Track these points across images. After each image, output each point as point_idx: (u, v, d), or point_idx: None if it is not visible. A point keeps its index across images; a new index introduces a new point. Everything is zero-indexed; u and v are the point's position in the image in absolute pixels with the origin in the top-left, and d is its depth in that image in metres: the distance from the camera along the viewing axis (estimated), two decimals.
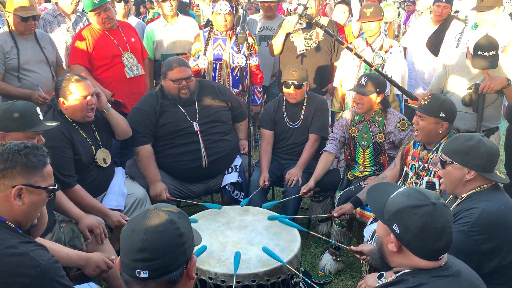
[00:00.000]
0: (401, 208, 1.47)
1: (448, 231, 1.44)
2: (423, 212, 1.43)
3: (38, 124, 2.22)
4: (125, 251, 1.22)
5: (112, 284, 2.44)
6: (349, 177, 3.34)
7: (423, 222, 1.42)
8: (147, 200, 3.08)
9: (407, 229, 1.44)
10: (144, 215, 1.24)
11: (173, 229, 1.22)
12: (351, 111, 3.36)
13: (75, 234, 2.52)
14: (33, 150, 1.67)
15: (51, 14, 4.00)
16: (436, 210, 1.43)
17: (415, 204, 1.45)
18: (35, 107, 2.27)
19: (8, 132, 2.15)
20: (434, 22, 4.40)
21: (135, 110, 3.28)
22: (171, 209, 1.28)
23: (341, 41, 3.20)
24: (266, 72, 4.58)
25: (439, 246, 1.44)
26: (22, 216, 1.66)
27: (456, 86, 3.35)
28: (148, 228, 1.20)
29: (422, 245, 1.44)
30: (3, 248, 1.55)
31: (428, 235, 1.42)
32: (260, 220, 2.61)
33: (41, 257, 1.58)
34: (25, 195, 1.63)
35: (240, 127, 3.62)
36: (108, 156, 2.97)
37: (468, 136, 2.04)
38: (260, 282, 2.15)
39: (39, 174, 1.67)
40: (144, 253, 1.18)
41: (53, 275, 1.59)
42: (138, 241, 1.19)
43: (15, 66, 3.33)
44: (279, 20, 4.43)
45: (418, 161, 2.71)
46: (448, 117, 2.56)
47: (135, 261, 1.19)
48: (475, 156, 1.97)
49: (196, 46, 3.93)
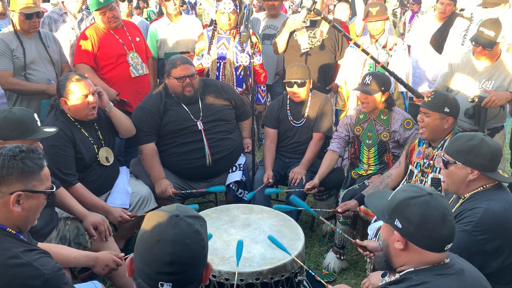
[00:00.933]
0: (399, 202, 1.50)
1: (449, 218, 1.45)
2: (421, 201, 1.45)
3: (36, 131, 2.19)
4: (149, 262, 1.15)
5: (117, 282, 2.46)
6: (353, 176, 3.34)
7: (423, 210, 1.44)
8: (151, 198, 3.09)
9: (409, 220, 1.46)
10: (169, 223, 1.16)
11: (199, 240, 1.17)
12: (356, 110, 3.36)
13: (80, 231, 2.53)
14: (29, 154, 1.63)
15: (56, 13, 4.03)
16: (433, 199, 1.46)
17: (411, 196, 1.48)
18: (33, 113, 2.25)
19: (7, 141, 2.10)
20: (438, 19, 4.38)
21: (139, 109, 3.29)
22: (193, 215, 1.22)
23: (348, 36, 3.20)
24: (270, 70, 4.58)
25: (443, 234, 1.44)
26: (22, 221, 1.65)
27: (461, 84, 3.33)
28: (176, 240, 1.14)
29: (427, 234, 1.44)
30: (6, 259, 1.54)
31: (430, 223, 1.44)
32: (264, 218, 2.62)
33: (45, 266, 1.57)
34: (24, 200, 1.61)
35: (243, 126, 3.63)
36: (111, 155, 2.98)
37: (471, 135, 2.04)
38: (264, 280, 2.15)
39: (36, 178, 1.64)
40: (172, 267, 1.13)
41: (57, 283, 1.59)
42: (166, 254, 1.12)
43: (21, 65, 3.36)
44: (283, 19, 4.43)
45: (423, 158, 2.71)
46: (452, 112, 2.59)
47: (160, 273, 1.13)
48: (477, 156, 1.96)
49: (200, 45, 3.94)
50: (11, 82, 3.35)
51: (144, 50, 3.90)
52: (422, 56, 4.43)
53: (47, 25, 3.96)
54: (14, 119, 2.14)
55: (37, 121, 2.23)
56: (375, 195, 1.72)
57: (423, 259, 1.48)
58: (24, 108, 2.38)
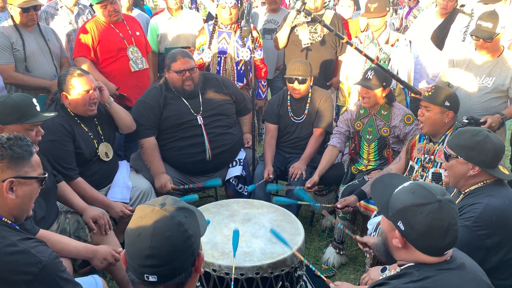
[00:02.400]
0: (406, 206, 1.44)
1: (454, 228, 1.43)
2: (428, 210, 1.41)
3: (35, 115, 2.19)
4: (132, 256, 1.17)
5: (116, 275, 2.46)
6: (353, 171, 3.34)
7: (429, 221, 1.40)
8: (152, 192, 3.09)
9: (413, 227, 1.43)
10: (150, 217, 1.17)
11: (181, 232, 1.16)
12: (356, 105, 3.35)
13: (80, 225, 2.53)
14: (17, 141, 1.65)
15: (52, 7, 4.00)
16: (442, 208, 1.41)
17: (420, 203, 1.42)
18: (31, 98, 2.24)
19: (5, 125, 2.12)
20: (439, 15, 4.36)
21: (139, 103, 3.29)
22: (178, 207, 1.20)
23: (340, 35, 3.16)
24: (270, 65, 4.57)
25: (445, 244, 1.44)
26: (17, 209, 1.66)
27: (462, 80, 3.33)
28: (154, 233, 1.14)
29: (428, 243, 1.43)
30: (4, 247, 1.55)
31: (434, 234, 1.41)
32: (264, 213, 2.62)
33: (42, 253, 1.58)
34: (17, 187, 1.63)
35: (244, 121, 3.62)
36: (110, 150, 2.98)
37: (475, 131, 2.02)
38: (264, 274, 2.16)
39: (27, 164, 1.65)
40: (153, 260, 1.14)
41: (55, 270, 1.60)
42: (145, 247, 1.14)
43: (21, 58, 3.35)
44: (283, 14, 4.41)
45: (424, 153, 2.71)
46: (452, 106, 2.59)
47: (143, 266, 1.15)
48: (480, 152, 1.95)
49: (200, 39, 3.93)
50: (13, 76, 3.35)
51: (144, 44, 3.90)
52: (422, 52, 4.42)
53: (43, 20, 3.94)
54: (12, 104, 2.14)
55: (36, 106, 2.21)
56: (383, 181, 1.65)
57: (422, 259, 1.48)
58: (23, 93, 2.37)
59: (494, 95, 3.21)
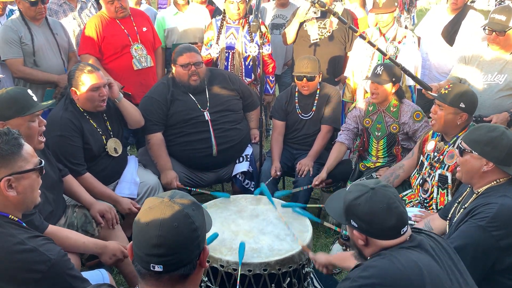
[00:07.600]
0: (348, 204, 1.59)
1: (395, 206, 1.53)
2: (365, 199, 1.54)
3: (34, 106, 2.15)
4: (139, 244, 1.20)
5: (123, 270, 2.46)
6: (361, 168, 3.31)
7: (368, 207, 1.53)
8: (159, 188, 3.09)
9: (360, 219, 1.56)
10: (159, 207, 1.21)
11: (188, 223, 1.20)
12: (365, 101, 3.32)
13: (87, 219, 2.53)
14: (2, 138, 1.59)
15: (56, 3, 3.96)
16: (376, 193, 1.54)
17: (356, 196, 1.57)
18: (26, 90, 2.21)
19: (7, 121, 2.09)
20: (450, 11, 4.31)
21: (146, 98, 3.28)
22: (186, 201, 1.24)
23: (354, 28, 3.14)
24: (279, 61, 4.54)
25: (393, 223, 1.52)
26: (21, 203, 1.65)
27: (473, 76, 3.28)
28: (163, 223, 1.17)
29: (379, 228, 1.54)
30: (13, 245, 1.54)
31: (377, 216, 1.52)
32: (272, 209, 2.60)
33: (50, 251, 1.58)
34: (16, 183, 1.60)
35: (251, 117, 3.60)
36: (119, 146, 2.97)
37: (492, 127, 1.99)
38: (272, 271, 2.15)
39: (19, 158, 1.61)
40: (160, 249, 1.17)
41: (63, 268, 1.60)
42: (153, 236, 1.17)
43: (30, 52, 3.35)
44: (292, 8, 4.37)
45: (435, 151, 2.66)
46: (468, 108, 2.48)
47: (149, 255, 1.18)
48: (495, 148, 1.92)
49: (208, 34, 3.91)
50: (22, 70, 3.35)
51: (151, 41, 3.83)
52: (432, 48, 4.38)
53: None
54: (8, 98, 2.12)
55: (32, 97, 2.18)
56: (332, 199, 1.79)
57: (384, 245, 1.56)
58: (17, 86, 2.35)
59: (505, 93, 3.15)
